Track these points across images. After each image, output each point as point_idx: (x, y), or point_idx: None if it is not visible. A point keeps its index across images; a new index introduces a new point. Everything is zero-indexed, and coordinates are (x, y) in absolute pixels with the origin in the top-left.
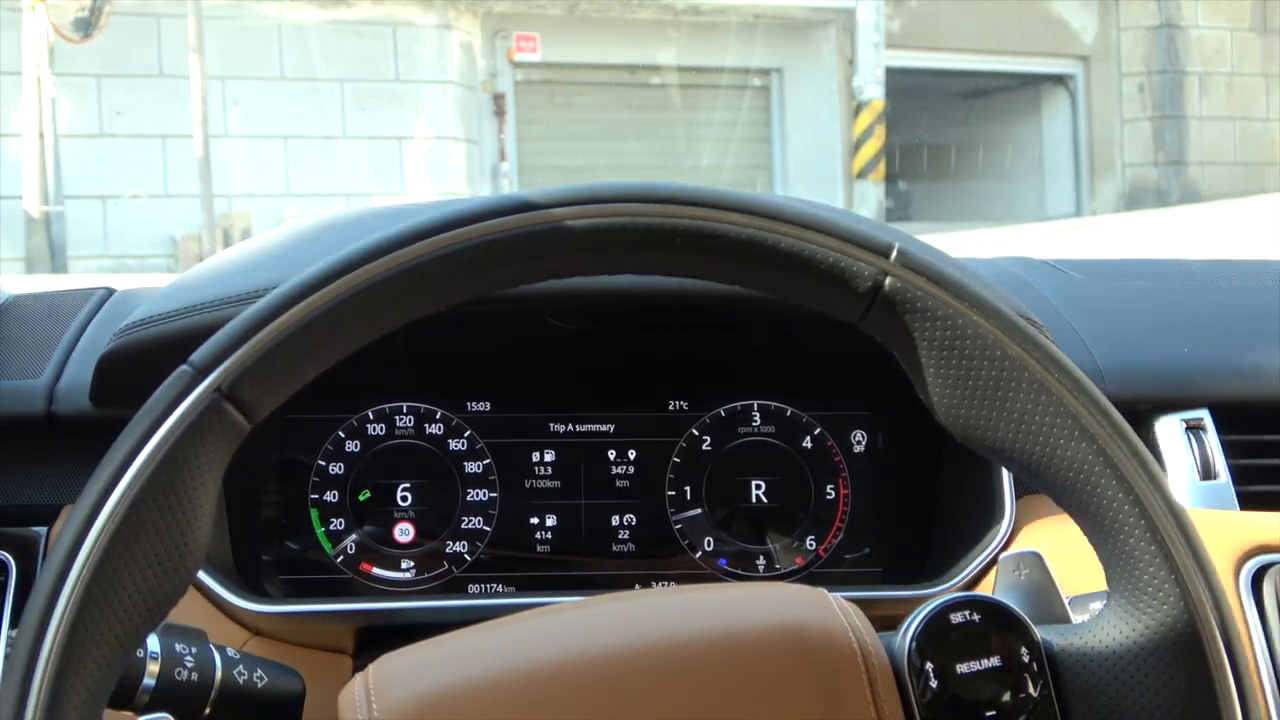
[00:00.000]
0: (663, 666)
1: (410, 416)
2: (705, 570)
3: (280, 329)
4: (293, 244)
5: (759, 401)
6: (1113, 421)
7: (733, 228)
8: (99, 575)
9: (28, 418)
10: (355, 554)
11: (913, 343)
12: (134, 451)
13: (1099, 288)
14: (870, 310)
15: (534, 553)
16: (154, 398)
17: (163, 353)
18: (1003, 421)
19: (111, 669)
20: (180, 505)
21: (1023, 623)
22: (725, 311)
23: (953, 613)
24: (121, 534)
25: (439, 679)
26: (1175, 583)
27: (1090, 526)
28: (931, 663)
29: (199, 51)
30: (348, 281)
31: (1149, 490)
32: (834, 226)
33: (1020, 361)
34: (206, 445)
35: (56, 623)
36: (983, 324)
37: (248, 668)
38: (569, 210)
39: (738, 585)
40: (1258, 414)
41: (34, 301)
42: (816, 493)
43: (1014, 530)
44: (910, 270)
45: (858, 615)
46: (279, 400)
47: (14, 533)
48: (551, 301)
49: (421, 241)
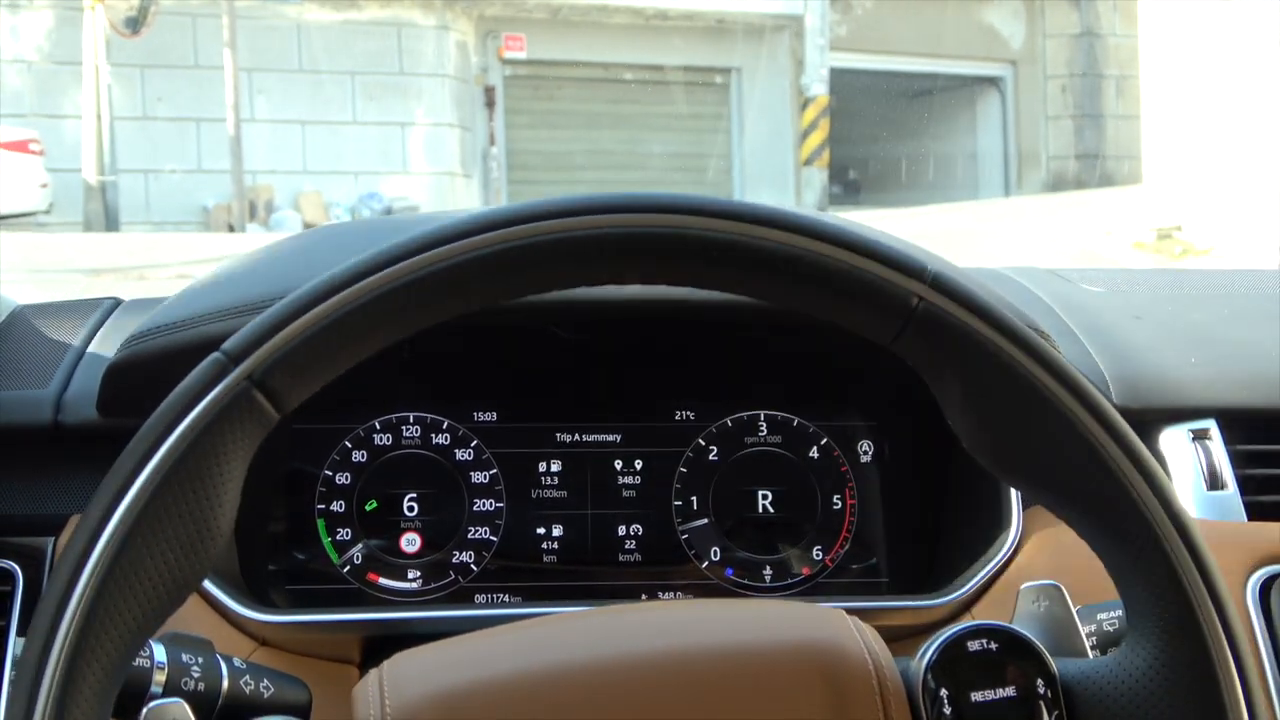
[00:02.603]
0: (678, 677)
1: (417, 426)
2: (712, 580)
3: (314, 321)
4: (294, 256)
5: (765, 411)
6: (1142, 462)
7: (770, 244)
8: (121, 556)
9: (35, 427)
10: (362, 564)
11: (943, 368)
12: (163, 436)
13: (1104, 297)
14: (903, 333)
15: (540, 563)
16: (185, 383)
17: (170, 363)
18: (1027, 451)
19: (129, 651)
20: (206, 491)
21: (1040, 654)
22: (732, 322)
23: (970, 640)
24: (146, 516)
25: (454, 678)
26: (1196, 627)
27: (1111, 561)
28: (946, 689)
29: (232, 46)
30: (385, 277)
31: (1173, 533)
32: (871, 246)
33: (1049, 392)
34: (235, 433)
35: (77, 599)
36: (1015, 354)
37: (254, 678)
38: (611, 218)
39: (759, 601)
40: (1264, 423)
41: (41, 311)
42: (823, 503)
43: (1021, 540)
44: (944, 295)
45: (875, 638)
46: (309, 392)
47: (21, 542)
48: (557, 311)
49: (462, 241)
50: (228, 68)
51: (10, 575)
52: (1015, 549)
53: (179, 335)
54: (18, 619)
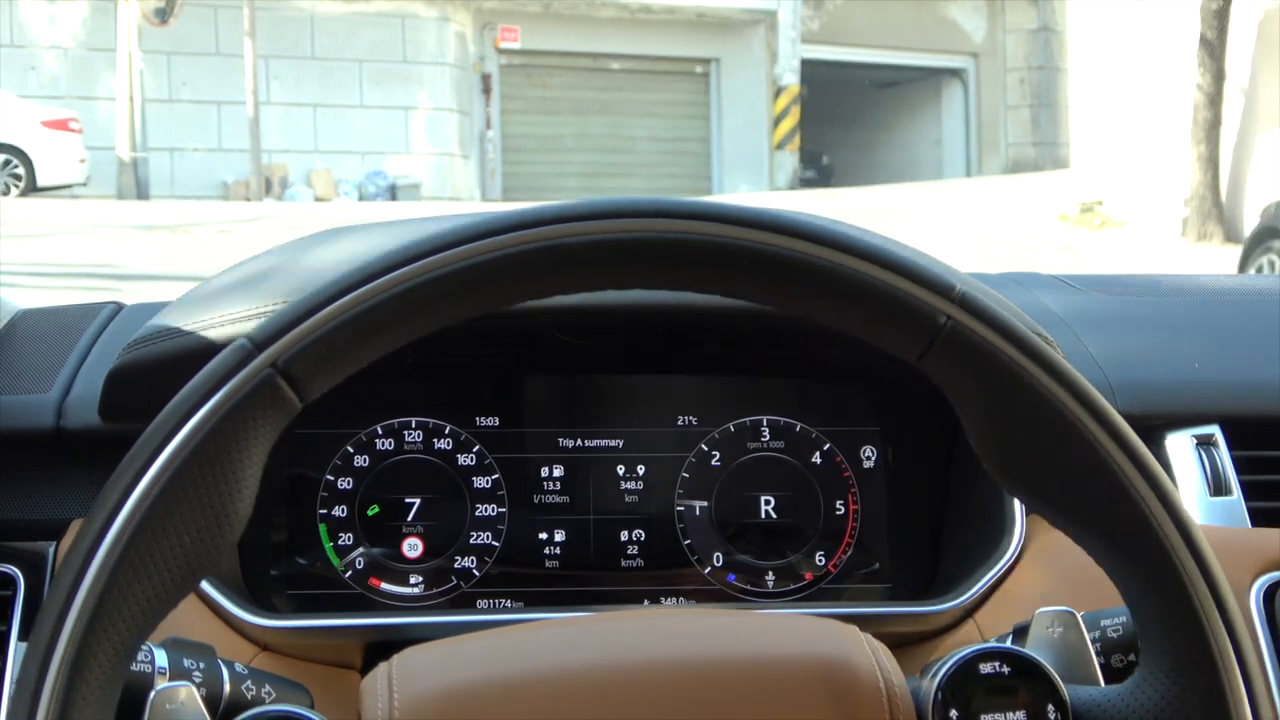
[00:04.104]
0: (687, 684)
1: (419, 432)
2: (714, 586)
3: (340, 311)
4: (295, 262)
5: (768, 417)
6: (1161, 488)
7: (798, 254)
8: (138, 537)
9: (37, 432)
10: (364, 569)
11: (968, 387)
12: (184, 419)
13: (1109, 303)
14: (929, 350)
15: (543, 568)
16: (208, 368)
17: (172, 368)
18: (1049, 474)
19: (140, 632)
20: (225, 476)
21: (1051, 679)
22: (735, 326)
23: (982, 663)
24: (164, 499)
25: (462, 675)
26: (1210, 661)
27: (1128, 587)
28: (956, 710)
29: (251, 36)
30: (413, 271)
31: (1191, 562)
32: (901, 263)
33: (1074, 417)
34: (257, 419)
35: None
36: (1040, 375)
37: (256, 683)
38: (639, 223)
39: (773, 612)
40: (1269, 429)
41: (43, 316)
42: (826, 508)
43: (1024, 546)
44: (973, 315)
45: (887, 656)
46: (332, 382)
47: (22, 547)
48: (559, 316)
49: (492, 238)
50: (247, 55)
51: (11, 580)
52: (1018, 555)
53: (181, 340)
54: (19, 624)
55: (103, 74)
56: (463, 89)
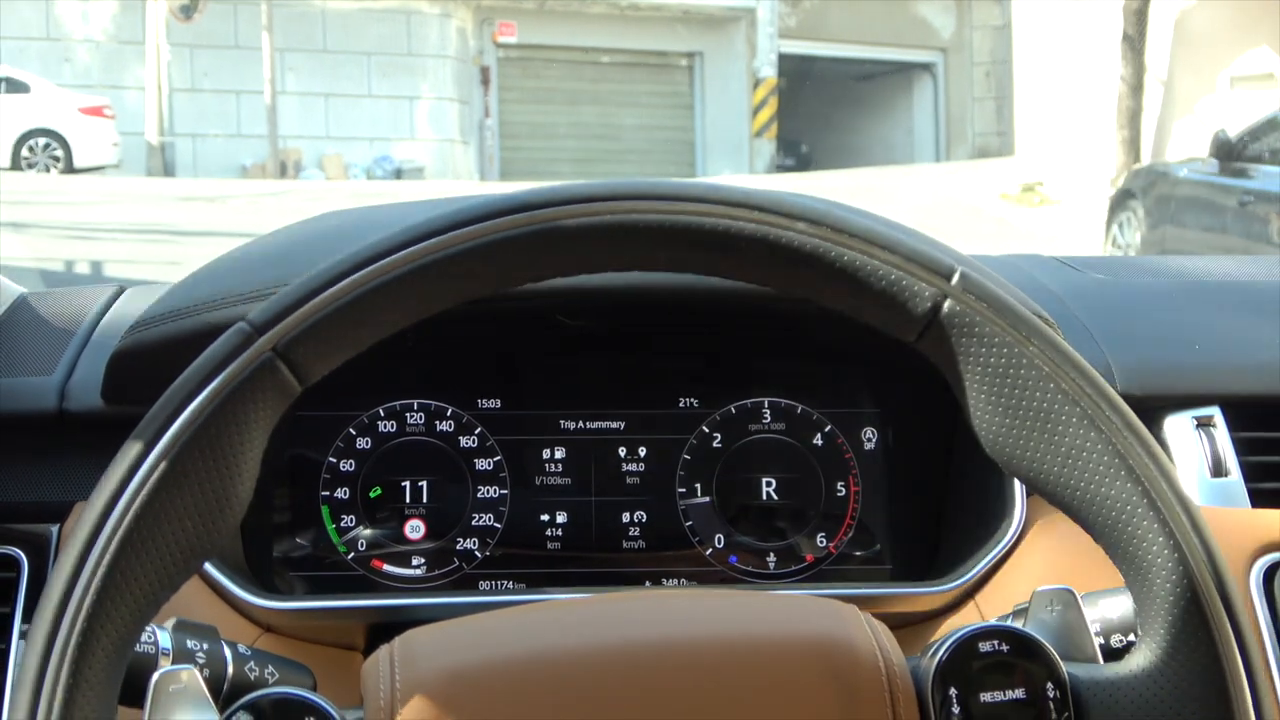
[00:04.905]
0: (689, 665)
1: (421, 414)
2: (716, 567)
3: (340, 294)
4: (298, 244)
5: (770, 398)
6: (1161, 467)
7: (797, 236)
8: (140, 520)
9: (39, 415)
10: (366, 551)
11: (967, 368)
12: (185, 402)
13: (1109, 285)
14: (927, 331)
15: (544, 550)
16: (209, 351)
17: (174, 350)
18: (1049, 454)
19: (143, 614)
20: (225, 460)
21: (1050, 657)
22: (736, 308)
23: (981, 641)
24: (165, 482)
25: (465, 656)
26: (1209, 635)
27: (1126, 566)
28: (955, 689)
29: (269, 30)
30: (412, 254)
31: (1193, 539)
32: (898, 244)
33: (1073, 397)
34: (257, 403)
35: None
36: (1039, 356)
37: (259, 664)
38: (640, 204)
39: (773, 592)
40: (1269, 410)
41: (46, 299)
42: (827, 490)
43: (1024, 528)
44: (971, 295)
45: (887, 635)
46: (331, 365)
47: (26, 529)
48: (561, 298)
49: (491, 220)
50: (265, 48)
51: (15, 562)
52: (1018, 537)
53: (184, 322)
54: (22, 605)
55: (131, 65)
56: (463, 80)
